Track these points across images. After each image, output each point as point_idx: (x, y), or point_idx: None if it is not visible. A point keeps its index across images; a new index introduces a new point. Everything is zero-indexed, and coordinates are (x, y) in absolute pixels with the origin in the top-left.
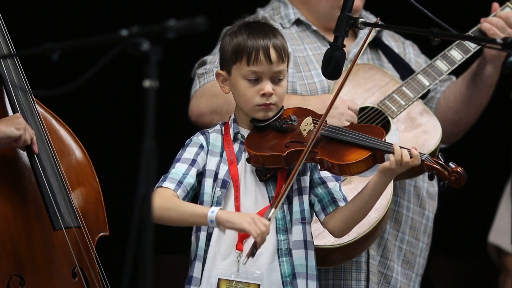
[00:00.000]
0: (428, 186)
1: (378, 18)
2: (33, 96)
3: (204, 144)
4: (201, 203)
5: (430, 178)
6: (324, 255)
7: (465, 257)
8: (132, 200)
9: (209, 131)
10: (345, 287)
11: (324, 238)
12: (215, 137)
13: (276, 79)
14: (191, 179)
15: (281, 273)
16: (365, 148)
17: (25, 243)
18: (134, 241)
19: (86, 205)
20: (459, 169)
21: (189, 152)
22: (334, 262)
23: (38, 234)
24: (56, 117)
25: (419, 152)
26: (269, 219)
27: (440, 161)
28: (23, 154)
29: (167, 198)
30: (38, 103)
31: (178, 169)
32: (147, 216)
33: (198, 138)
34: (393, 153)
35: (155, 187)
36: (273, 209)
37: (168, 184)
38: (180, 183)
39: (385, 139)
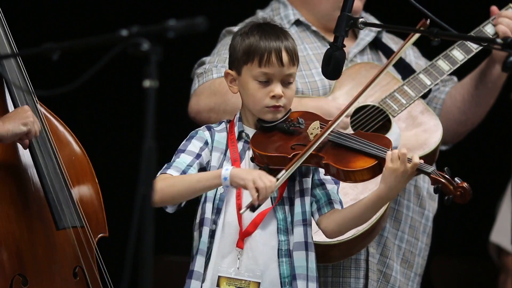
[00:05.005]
0: (428, 186)
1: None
2: (36, 96)
3: (209, 140)
4: (204, 199)
5: (435, 191)
6: (323, 252)
7: (465, 257)
8: (132, 200)
9: (215, 127)
10: (344, 284)
11: (323, 235)
12: (220, 134)
13: (286, 82)
14: (194, 171)
15: (280, 274)
16: (372, 156)
17: (28, 243)
18: (134, 241)
19: (86, 206)
20: (465, 184)
21: (194, 145)
22: (333, 258)
23: (40, 234)
24: (56, 117)
25: (427, 165)
26: (277, 179)
27: (446, 175)
28: (26, 154)
29: (171, 177)
30: (39, 103)
31: (183, 159)
32: (147, 216)
33: (204, 133)
34: None
35: (158, 173)
36: (283, 171)
37: (172, 171)
38: (184, 173)
39: (391, 150)
